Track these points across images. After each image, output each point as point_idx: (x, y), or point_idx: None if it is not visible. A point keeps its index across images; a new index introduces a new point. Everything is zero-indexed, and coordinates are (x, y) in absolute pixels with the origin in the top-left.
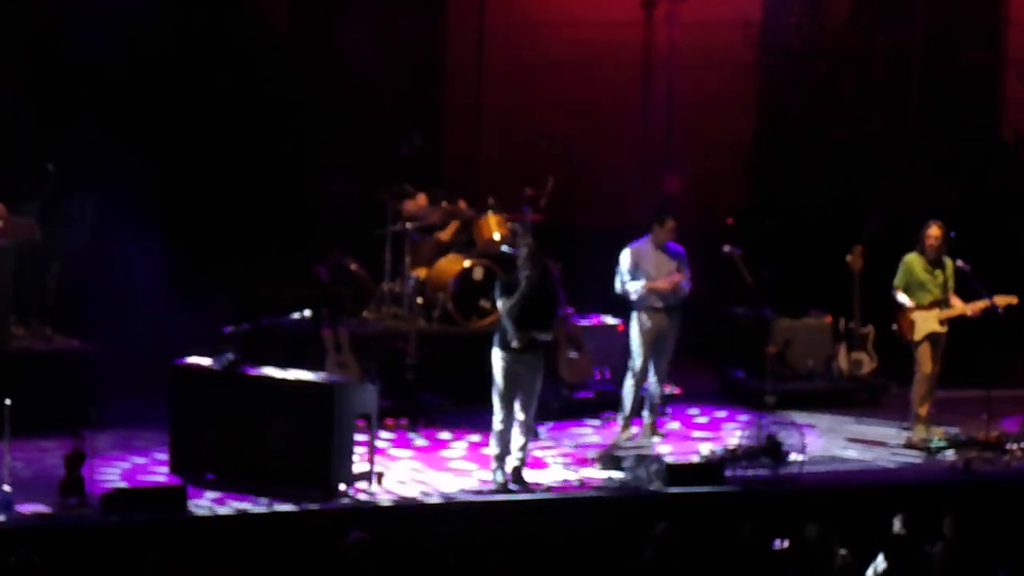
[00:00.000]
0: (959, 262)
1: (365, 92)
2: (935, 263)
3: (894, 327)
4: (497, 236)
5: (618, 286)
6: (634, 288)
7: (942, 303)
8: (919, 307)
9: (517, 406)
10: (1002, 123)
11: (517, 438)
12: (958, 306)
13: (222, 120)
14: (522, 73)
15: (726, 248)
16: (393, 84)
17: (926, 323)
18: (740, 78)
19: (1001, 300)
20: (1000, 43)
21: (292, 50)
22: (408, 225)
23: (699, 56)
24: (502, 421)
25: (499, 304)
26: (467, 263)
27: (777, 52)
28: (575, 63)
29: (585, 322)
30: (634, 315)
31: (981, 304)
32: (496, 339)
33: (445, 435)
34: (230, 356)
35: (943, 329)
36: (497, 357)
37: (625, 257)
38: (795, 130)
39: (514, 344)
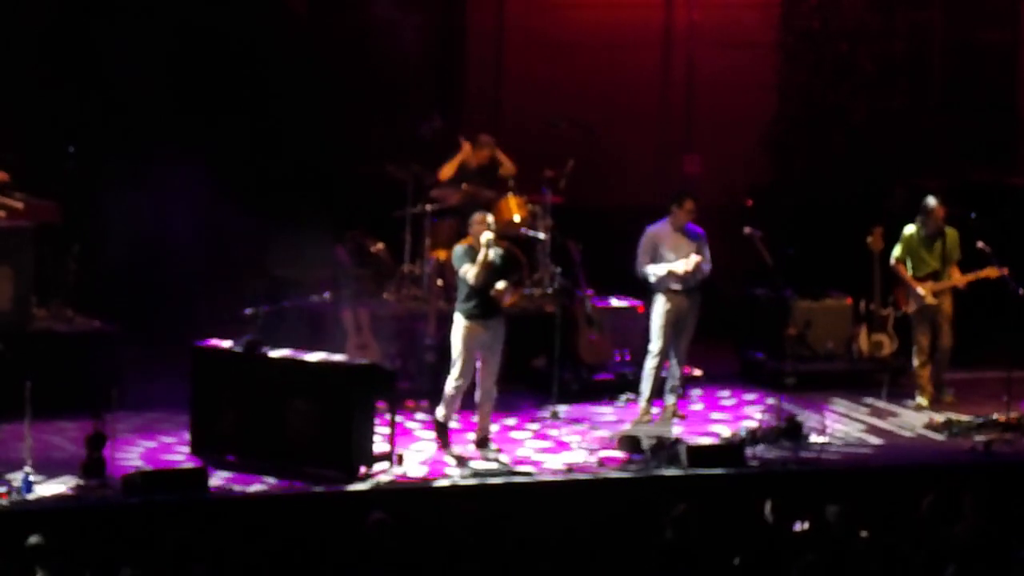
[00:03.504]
0: (979, 243)
1: (385, 74)
2: (933, 235)
3: (891, 299)
4: (517, 218)
5: (638, 268)
6: (653, 271)
7: (936, 275)
8: (915, 279)
9: (483, 373)
10: (1022, 102)
11: (484, 406)
12: (954, 278)
13: (241, 102)
14: (542, 54)
15: (746, 229)
16: (413, 65)
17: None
18: (760, 58)
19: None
20: (1019, 22)
21: (312, 33)
22: (428, 207)
23: (719, 36)
24: (456, 388)
25: (462, 270)
26: None
27: (797, 32)
28: (595, 44)
29: (605, 304)
30: (654, 297)
31: (970, 276)
32: (459, 308)
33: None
34: (251, 338)
35: (934, 301)
36: (460, 325)
37: (644, 239)
38: (816, 110)
39: (503, 288)
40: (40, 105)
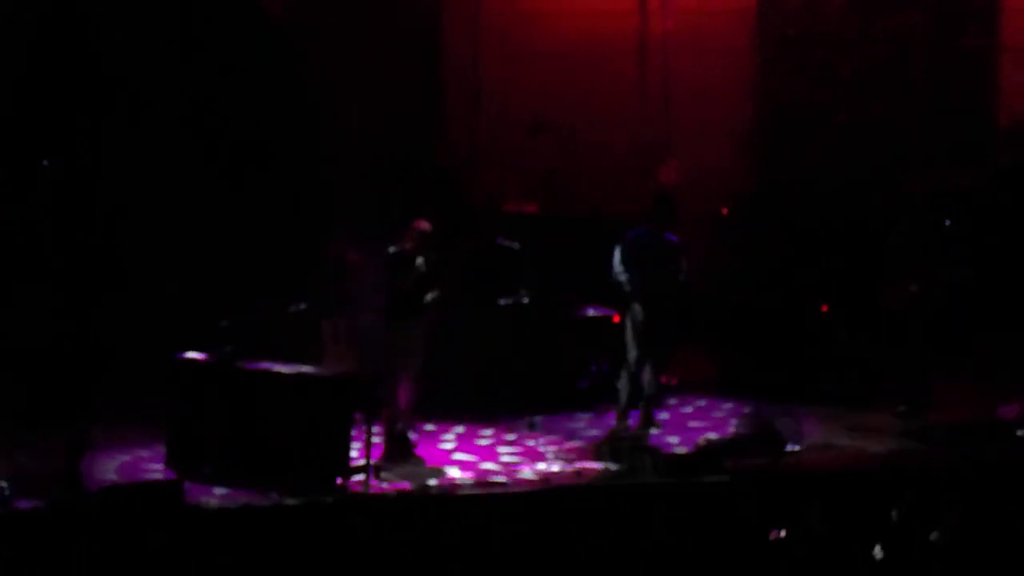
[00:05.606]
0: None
1: (364, 82)
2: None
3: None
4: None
5: (614, 276)
6: (629, 279)
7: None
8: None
9: (408, 374)
10: (999, 108)
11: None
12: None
13: (220, 113)
14: (519, 63)
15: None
16: (391, 74)
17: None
18: (738, 64)
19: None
20: (996, 29)
21: (292, 42)
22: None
23: (695, 43)
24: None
25: (395, 276)
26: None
27: (774, 38)
28: (571, 53)
29: (582, 313)
30: (629, 305)
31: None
32: (390, 313)
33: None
34: (227, 349)
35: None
36: (390, 329)
37: (621, 247)
38: (794, 116)
39: (430, 297)
40: (17, 118)
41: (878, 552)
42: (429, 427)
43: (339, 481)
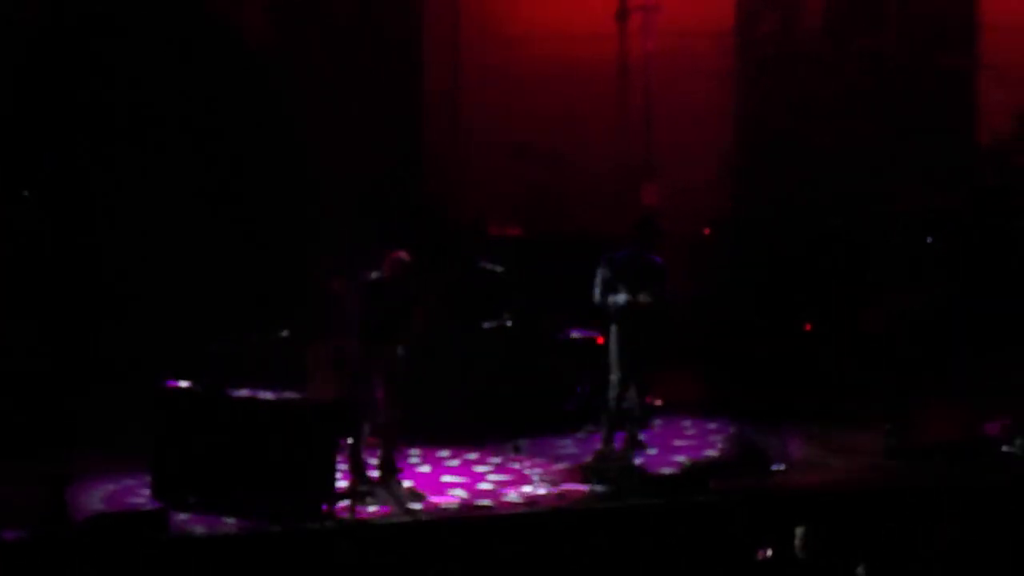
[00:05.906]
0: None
1: (345, 109)
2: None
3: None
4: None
5: (596, 298)
6: (612, 300)
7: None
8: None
9: (384, 399)
10: (979, 127)
11: (387, 433)
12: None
13: (205, 137)
14: (500, 88)
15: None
16: (372, 100)
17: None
18: (718, 86)
19: None
20: (974, 48)
21: (273, 70)
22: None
23: (675, 65)
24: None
25: (371, 305)
26: None
27: (753, 60)
28: (552, 76)
29: (565, 335)
30: (612, 327)
31: None
32: (360, 334)
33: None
34: (212, 377)
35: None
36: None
37: (603, 269)
38: (773, 137)
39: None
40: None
41: (862, 572)
42: (414, 451)
43: (325, 507)
